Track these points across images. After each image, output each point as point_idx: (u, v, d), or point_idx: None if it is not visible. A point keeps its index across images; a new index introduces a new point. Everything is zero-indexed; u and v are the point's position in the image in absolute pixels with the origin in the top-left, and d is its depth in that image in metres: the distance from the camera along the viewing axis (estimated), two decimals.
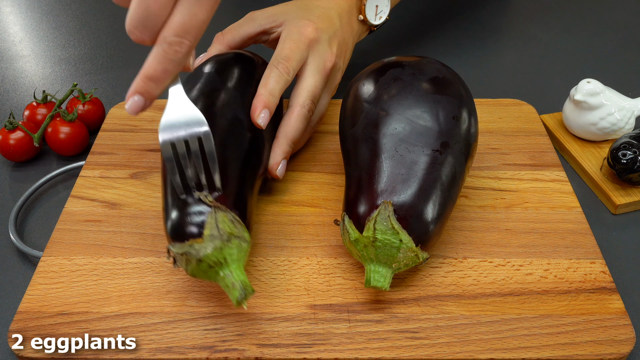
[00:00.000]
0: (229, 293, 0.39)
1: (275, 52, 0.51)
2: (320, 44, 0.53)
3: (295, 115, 0.51)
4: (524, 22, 0.84)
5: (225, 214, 0.40)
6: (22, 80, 0.73)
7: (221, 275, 0.39)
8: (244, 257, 0.40)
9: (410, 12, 0.85)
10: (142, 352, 0.40)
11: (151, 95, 0.39)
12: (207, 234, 0.39)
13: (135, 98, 0.39)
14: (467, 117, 0.46)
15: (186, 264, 0.39)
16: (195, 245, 0.39)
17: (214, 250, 0.39)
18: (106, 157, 0.56)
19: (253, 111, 0.47)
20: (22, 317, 0.42)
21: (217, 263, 0.39)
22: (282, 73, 0.49)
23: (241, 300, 0.38)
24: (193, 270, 0.40)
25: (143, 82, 0.38)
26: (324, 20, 0.55)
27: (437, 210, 0.42)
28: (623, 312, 0.42)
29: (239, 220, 0.41)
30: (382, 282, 0.41)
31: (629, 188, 0.54)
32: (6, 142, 0.58)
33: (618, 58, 0.76)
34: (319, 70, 0.52)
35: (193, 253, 0.39)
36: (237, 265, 0.39)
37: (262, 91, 0.48)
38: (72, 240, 0.48)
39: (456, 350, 0.40)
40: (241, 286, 0.39)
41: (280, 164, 0.50)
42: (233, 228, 0.40)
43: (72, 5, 0.89)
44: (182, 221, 0.40)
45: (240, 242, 0.40)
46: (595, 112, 0.57)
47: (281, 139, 0.50)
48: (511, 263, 0.46)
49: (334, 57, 0.54)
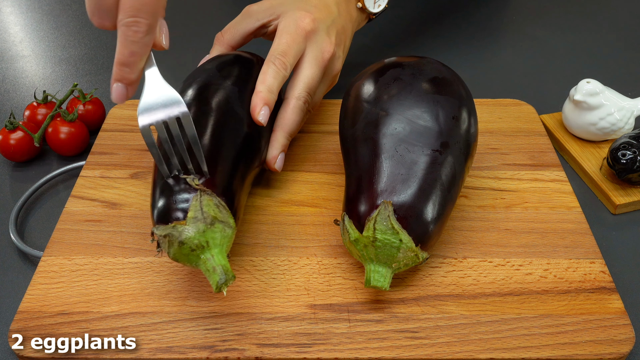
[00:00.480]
0: (209, 277, 0.39)
1: (272, 47, 0.51)
2: (318, 34, 0.53)
3: (291, 107, 0.51)
4: (523, 22, 0.84)
5: (210, 197, 0.40)
6: (23, 80, 0.73)
7: (202, 259, 0.39)
8: (227, 243, 0.40)
9: (410, 12, 0.85)
10: (143, 351, 0.40)
11: (129, 80, 0.40)
12: (191, 217, 0.39)
13: (114, 86, 0.40)
14: (467, 117, 0.46)
15: (168, 246, 0.39)
16: (178, 227, 0.39)
17: (196, 232, 0.39)
18: (106, 157, 0.56)
19: (253, 109, 0.47)
20: (23, 316, 0.42)
21: (199, 246, 0.39)
22: (279, 69, 0.49)
23: (221, 285, 0.38)
24: (175, 254, 0.39)
25: (117, 69, 0.39)
26: (322, 10, 0.55)
27: (437, 210, 0.42)
28: (622, 312, 0.43)
29: (224, 206, 0.40)
30: (382, 281, 0.41)
31: (629, 188, 0.54)
32: (7, 142, 0.58)
33: (618, 58, 0.76)
34: (316, 62, 0.52)
35: (175, 235, 0.39)
36: (219, 250, 0.39)
37: (260, 88, 0.48)
38: (73, 240, 0.48)
39: (456, 350, 0.40)
40: (222, 270, 0.38)
41: (278, 157, 0.50)
42: (218, 212, 0.40)
43: (72, 6, 0.89)
44: (167, 203, 0.40)
45: (224, 227, 0.40)
46: (595, 112, 0.57)
47: (278, 132, 0.51)
48: (511, 263, 0.46)
49: (332, 47, 0.54)
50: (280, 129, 0.51)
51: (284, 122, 0.51)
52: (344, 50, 0.58)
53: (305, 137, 0.58)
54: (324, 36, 0.53)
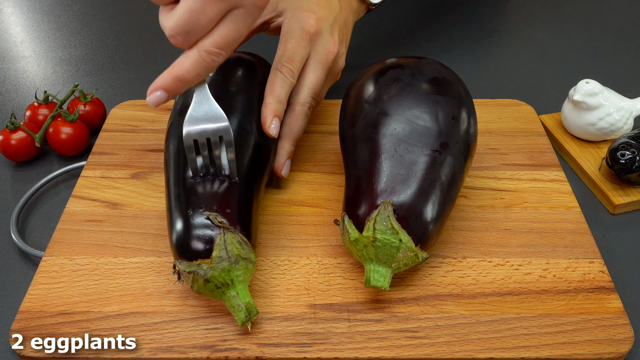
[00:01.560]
0: (234, 313, 0.40)
1: (278, 53, 0.51)
2: (322, 36, 0.53)
3: (297, 114, 0.51)
4: (523, 22, 0.84)
5: (233, 235, 0.40)
6: (24, 80, 0.73)
7: (227, 296, 0.40)
8: (249, 278, 0.41)
9: (410, 13, 0.85)
10: (143, 351, 0.40)
11: (176, 94, 0.41)
12: (216, 256, 0.39)
13: (158, 93, 0.40)
14: (466, 118, 0.46)
15: (192, 282, 0.40)
16: (203, 266, 0.39)
17: (221, 271, 0.39)
18: (107, 157, 0.56)
19: (264, 122, 0.48)
20: (24, 316, 0.42)
21: (224, 284, 0.40)
22: (286, 77, 0.50)
23: (246, 322, 0.39)
24: (199, 289, 0.40)
25: (172, 81, 0.40)
26: (324, 7, 0.54)
27: (437, 210, 0.42)
28: (621, 312, 0.43)
29: (246, 242, 0.41)
30: (381, 281, 0.41)
31: (628, 188, 0.54)
32: (8, 142, 0.58)
33: (617, 58, 0.76)
34: (321, 65, 0.52)
35: (201, 273, 0.39)
36: (242, 287, 0.40)
37: (269, 100, 0.48)
38: (73, 240, 0.48)
39: (455, 349, 0.40)
40: (246, 308, 0.40)
41: (284, 164, 0.50)
42: (241, 250, 0.40)
43: (73, 7, 0.89)
44: (191, 240, 0.40)
45: (247, 264, 0.40)
46: (594, 113, 0.57)
47: (285, 140, 0.51)
48: (510, 263, 0.46)
49: (336, 47, 0.53)
50: (287, 137, 0.51)
51: (290, 129, 0.51)
52: (346, 46, 0.57)
53: (305, 137, 0.58)
54: (328, 37, 0.53)
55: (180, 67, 0.39)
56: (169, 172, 0.45)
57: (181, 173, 0.44)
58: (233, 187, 0.43)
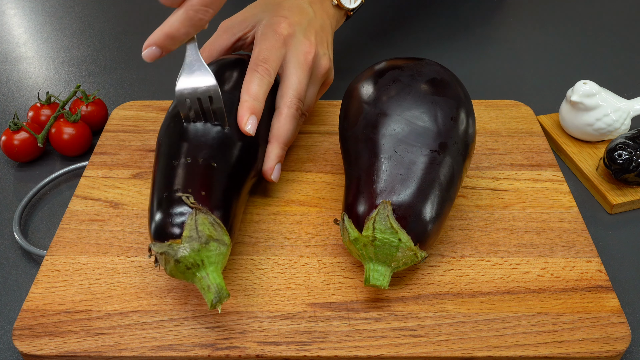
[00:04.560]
0: (204, 295, 0.39)
1: (253, 55, 0.51)
2: (296, 37, 0.53)
3: (284, 117, 0.51)
4: (520, 23, 0.85)
5: (205, 216, 0.40)
6: (26, 81, 0.73)
7: (198, 277, 0.39)
8: (222, 260, 0.41)
9: (409, 14, 0.86)
10: (145, 349, 0.40)
11: (168, 50, 0.44)
12: (186, 235, 0.39)
13: (153, 49, 0.44)
14: (465, 118, 0.46)
15: (165, 263, 0.40)
16: (174, 246, 0.39)
17: (191, 251, 0.39)
18: (109, 157, 0.56)
19: (240, 119, 0.47)
20: (26, 315, 0.42)
21: (194, 265, 0.39)
22: (263, 76, 0.49)
23: (215, 304, 0.39)
24: (171, 270, 0.40)
25: (163, 38, 0.44)
26: (296, 13, 0.54)
27: (436, 209, 0.43)
28: (619, 310, 0.43)
29: (219, 223, 0.41)
30: (381, 280, 0.41)
31: (625, 188, 0.55)
32: (10, 142, 0.58)
33: (614, 59, 0.76)
34: (299, 65, 0.52)
35: (171, 253, 0.39)
36: (214, 268, 0.40)
37: (245, 97, 0.48)
38: (76, 240, 0.48)
39: (454, 347, 0.41)
40: (216, 289, 0.39)
41: (274, 168, 0.50)
42: (212, 231, 0.40)
43: (75, 8, 0.89)
44: (164, 221, 0.40)
45: (218, 245, 0.40)
46: (592, 113, 0.58)
47: (273, 143, 0.50)
48: (508, 262, 0.47)
49: (313, 47, 0.53)
50: (275, 140, 0.50)
51: (278, 132, 0.50)
52: (328, 48, 0.57)
53: (305, 138, 0.59)
54: (302, 38, 0.53)
55: (170, 25, 0.43)
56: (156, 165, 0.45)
57: (164, 160, 0.44)
58: (211, 172, 0.43)
